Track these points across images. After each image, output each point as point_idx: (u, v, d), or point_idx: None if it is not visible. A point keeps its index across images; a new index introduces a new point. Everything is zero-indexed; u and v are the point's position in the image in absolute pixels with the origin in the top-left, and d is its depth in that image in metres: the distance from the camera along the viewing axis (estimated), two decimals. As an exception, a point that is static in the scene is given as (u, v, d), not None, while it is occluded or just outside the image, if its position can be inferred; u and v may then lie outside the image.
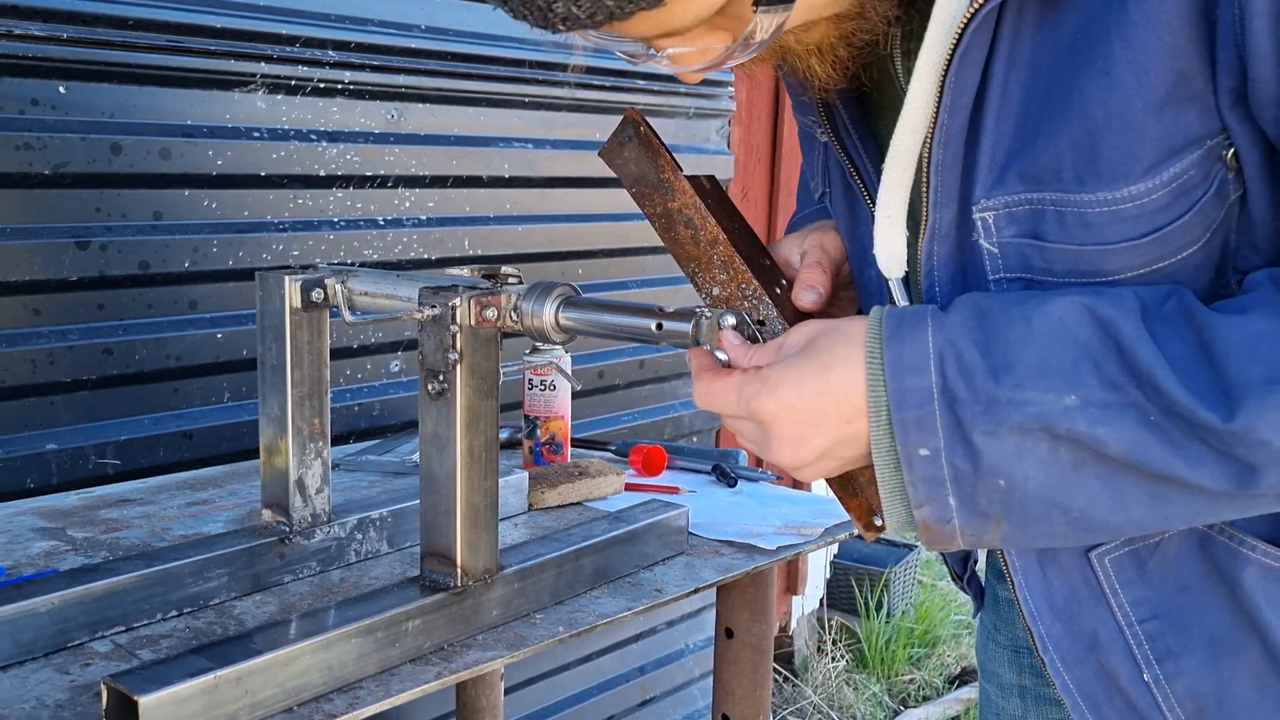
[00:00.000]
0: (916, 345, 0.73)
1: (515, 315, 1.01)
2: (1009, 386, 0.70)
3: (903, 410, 0.72)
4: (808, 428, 0.76)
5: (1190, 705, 0.80)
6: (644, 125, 0.89)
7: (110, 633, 1.05)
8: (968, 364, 0.71)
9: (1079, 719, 0.84)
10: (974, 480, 0.72)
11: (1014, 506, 0.72)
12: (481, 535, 1.06)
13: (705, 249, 0.88)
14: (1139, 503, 0.71)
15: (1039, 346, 0.71)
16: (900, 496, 0.75)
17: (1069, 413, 0.69)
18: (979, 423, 0.71)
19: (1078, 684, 0.83)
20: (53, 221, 1.58)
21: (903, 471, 0.74)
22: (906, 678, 3.52)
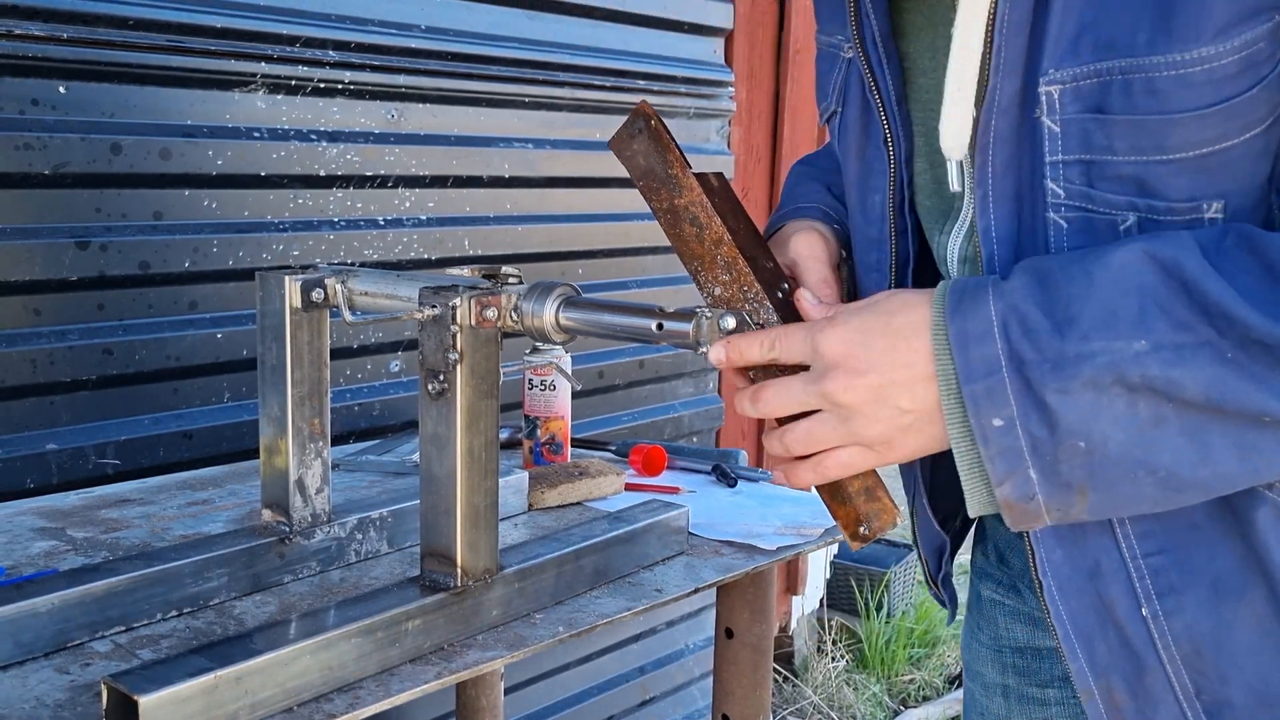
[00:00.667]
0: (979, 315, 0.72)
1: (516, 315, 1.01)
2: (1075, 340, 0.69)
3: (971, 382, 0.71)
4: (879, 359, 0.74)
5: (1186, 645, 0.78)
6: (655, 119, 0.88)
7: (110, 633, 1.05)
8: (1032, 325, 0.70)
9: (1068, 652, 0.82)
10: (1053, 446, 0.70)
11: (1097, 471, 0.70)
12: (482, 535, 1.06)
13: (710, 248, 0.87)
14: (1226, 454, 0.69)
15: (1102, 297, 0.69)
16: (979, 476, 0.74)
17: (1140, 358, 0.68)
18: (1050, 381, 0.69)
19: (1071, 615, 0.81)
20: (53, 221, 1.58)
21: (979, 448, 0.72)
22: (906, 678, 3.52)
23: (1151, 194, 0.74)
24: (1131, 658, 0.80)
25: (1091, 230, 0.76)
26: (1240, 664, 0.78)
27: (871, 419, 0.76)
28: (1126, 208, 0.75)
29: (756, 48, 2.82)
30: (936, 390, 0.74)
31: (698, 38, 2.59)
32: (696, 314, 0.88)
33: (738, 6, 2.68)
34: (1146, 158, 0.73)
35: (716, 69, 2.65)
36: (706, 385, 2.76)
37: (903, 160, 0.89)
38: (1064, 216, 0.76)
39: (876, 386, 0.75)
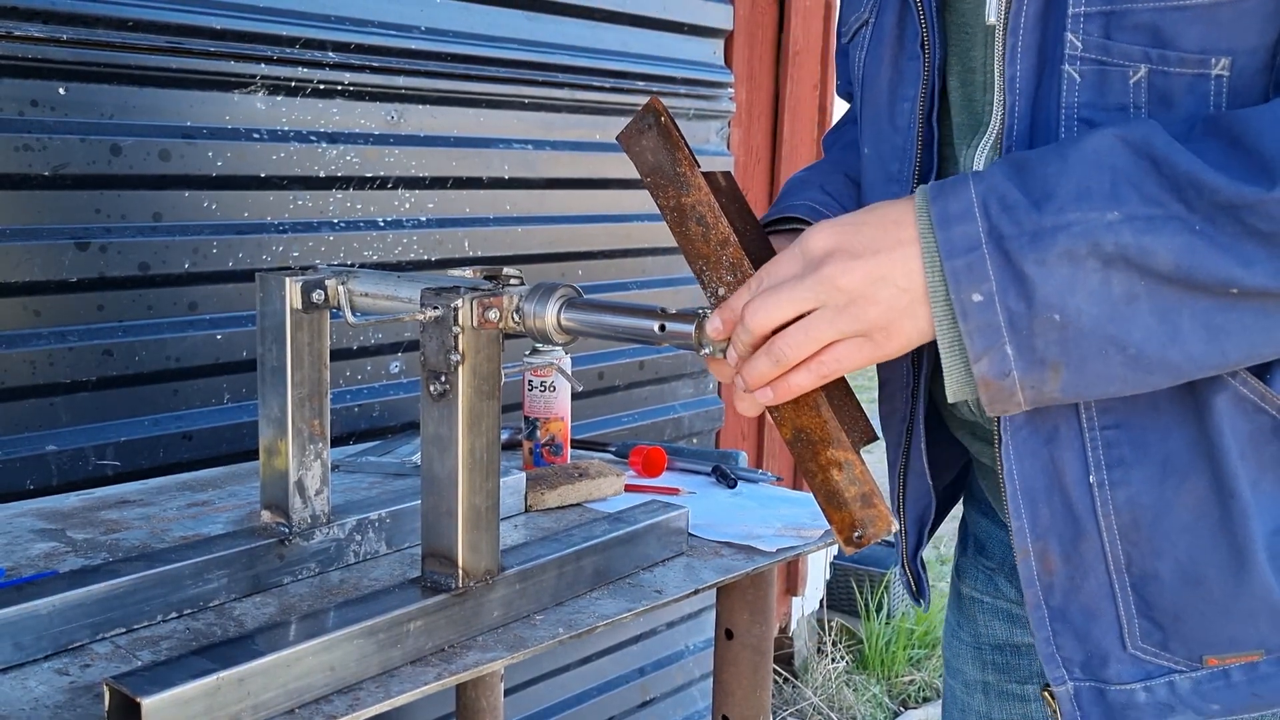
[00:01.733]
0: (959, 196, 0.74)
1: (517, 316, 1.01)
2: (1052, 212, 0.72)
3: (953, 257, 0.73)
4: (872, 240, 0.76)
5: (1126, 516, 0.81)
6: (665, 115, 0.88)
7: (110, 634, 1.05)
8: (1010, 202, 0.73)
9: (1013, 511, 0.84)
10: (1029, 319, 0.72)
11: (1070, 346, 0.73)
12: (483, 536, 1.06)
13: (715, 248, 0.87)
14: (1195, 335, 0.72)
15: (1076, 175, 0.72)
16: (959, 354, 0.76)
17: (1113, 227, 0.70)
18: (1028, 253, 0.72)
19: (1023, 476, 0.83)
20: (52, 222, 1.58)
21: (959, 324, 0.74)
22: (906, 679, 3.52)
23: (1164, 43, 0.76)
24: (1071, 522, 0.83)
25: (1103, 84, 0.78)
26: (1174, 540, 0.80)
27: (871, 300, 0.76)
28: (1140, 58, 0.77)
29: (756, 49, 2.82)
30: (918, 248, 0.76)
31: (697, 39, 2.59)
32: (699, 315, 0.88)
33: (737, 7, 2.69)
34: (1163, 3, 0.75)
35: (716, 70, 2.65)
36: (706, 387, 2.76)
37: (936, 67, 0.90)
38: (1079, 70, 0.78)
39: (873, 266, 0.76)
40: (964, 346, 0.75)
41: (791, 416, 0.85)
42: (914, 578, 1.09)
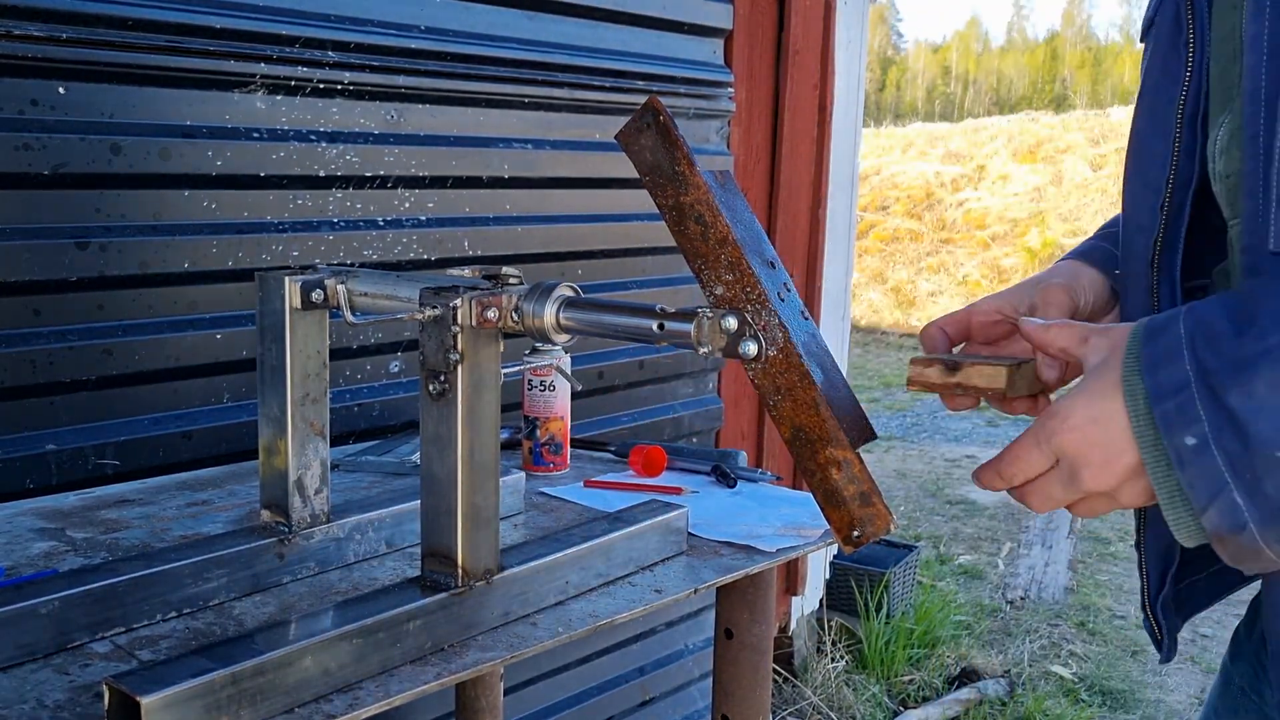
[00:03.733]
0: (1170, 336, 0.70)
1: (516, 316, 1.01)
2: (1252, 339, 0.66)
3: (1161, 401, 0.68)
4: (1108, 452, 0.72)
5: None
6: (664, 114, 0.88)
7: (110, 634, 1.05)
8: (1216, 332, 0.68)
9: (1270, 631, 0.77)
10: (1249, 459, 0.66)
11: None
12: (483, 535, 1.06)
13: (714, 247, 0.87)
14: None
15: (1277, 294, 0.66)
16: (1183, 505, 0.69)
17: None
18: (1233, 386, 0.66)
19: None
20: (52, 222, 1.58)
21: (1176, 473, 0.68)
22: (906, 678, 3.52)
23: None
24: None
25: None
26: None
27: (1084, 462, 0.74)
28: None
29: (756, 48, 2.82)
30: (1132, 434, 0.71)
31: (697, 38, 2.59)
32: (698, 314, 0.88)
33: (737, 7, 2.69)
34: None
35: (716, 69, 2.65)
36: (706, 386, 2.76)
37: (1203, 67, 0.84)
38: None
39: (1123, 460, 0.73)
40: (1186, 497, 0.69)
41: (790, 415, 0.85)
42: (1156, 625, 0.95)
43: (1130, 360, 0.71)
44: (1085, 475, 0.73)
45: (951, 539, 5.03)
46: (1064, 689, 3.56)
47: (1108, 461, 0.72)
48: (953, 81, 59.34)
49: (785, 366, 0.85)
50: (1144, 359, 0.70)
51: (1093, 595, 4.39)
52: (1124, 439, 0.71)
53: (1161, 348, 0.70)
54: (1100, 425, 0.72)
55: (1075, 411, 0.73)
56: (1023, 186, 15.20)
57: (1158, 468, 0.70)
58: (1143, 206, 0.88)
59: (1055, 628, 4.06)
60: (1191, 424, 0.67)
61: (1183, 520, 0.70)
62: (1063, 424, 0.74)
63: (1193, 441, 0.67)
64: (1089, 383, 0.74)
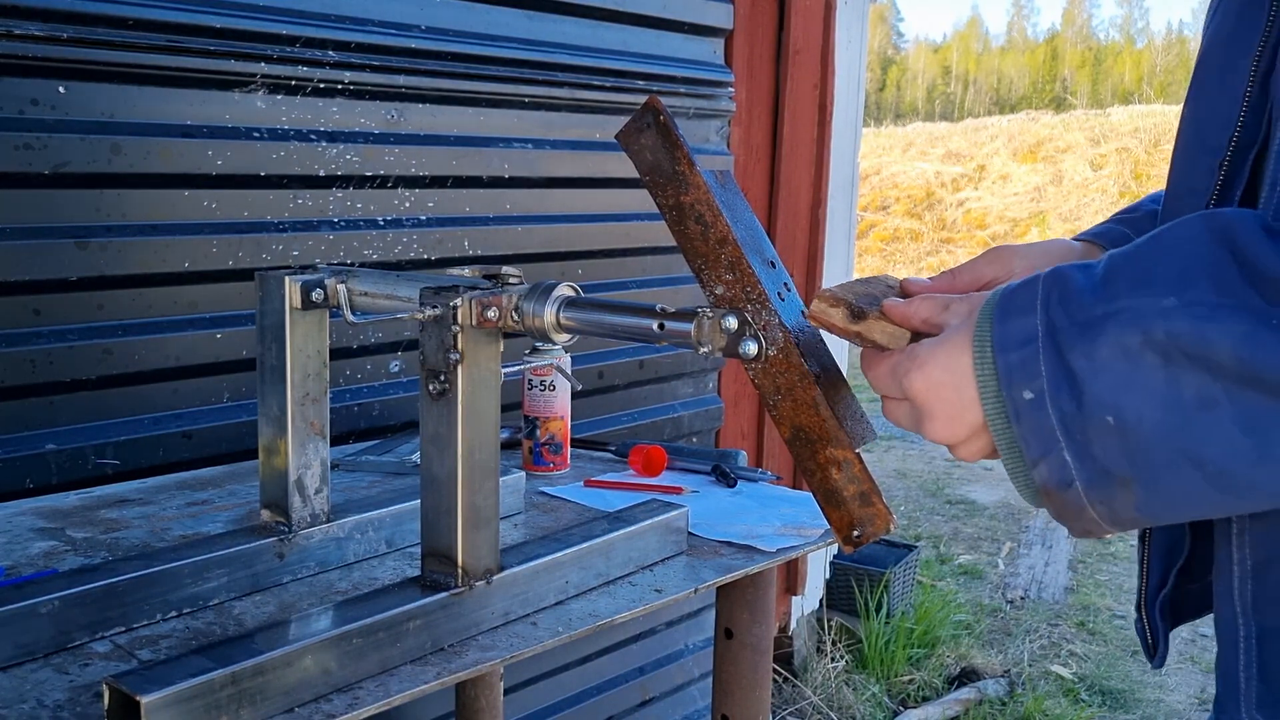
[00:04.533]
0: (1027, 292, 0.69)
1: (516, 315, 1.01)
2: (1104, 300, 0.65)
3: (1006, 353, 0.68)
4: (956, 403, 0.72)
5: (1262, 550, 0.73)
6: (664, 114, 0.88)
7: (110, 633, 1.05)
8: (1070, 290, 0.67)
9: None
10: (1081, 421, 0.65)
11: (1135, 457, 0.64)
12: (482, 535, 1.06)
13: (714, 247, 0.87)
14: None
15: (1144, 258, 0.66)
16: (1019, 458, 0.69)
17: (1167, 314, 0.62)
18: (1077, 345, 0.65)
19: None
20: (53, 221, 1.58)
21: (1012, 426, 0.68)
22: (906, 678, 3.52)
23: None
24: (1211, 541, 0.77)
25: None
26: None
27: (929, 414, 0.75)
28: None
29: (756, 48, 2.82)
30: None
31: (698, 38, 2.59)
32: (698, 314, 0.88)
33: (738, 7, 2.69)
34: None
35: (716, 69, 2.65)
36: (706, 386, 2.76)
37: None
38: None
39: (929, 372, 0.74)
40: (1020, 450, 0.69)
41: (790, 415, 0.85)
42: (1150, 628, 0.91)
43: (985, 312, 0.71)
44: (930, 425, 0.74)
45: (951, 539, 5.03)
46: (1064, 689, 3.56)
47: (952, 417, 0.73)
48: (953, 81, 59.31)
49: (785, 366, 0.85)
50: (997, 311, 0.70)
51: (1093, 595, 4.39)
52: (970, 395, 0.71)
53: (1017, 302, 0.69)
54: (949, 379, 0.72)
55: (930, 360, 0.73)
56: (1023, 186, 15.21)
57: (998, 418, 0.70)
58: (1199, 168, 0.82)
59: (1055, 628, 4.06)
60: (1031, 379, 0.67)
61: (1018, 472, 0.70)
62: (917, 369, 0.74)
63: (1030, 396, 0.67)
64: (946, 336, 0.74)
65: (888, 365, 0.77)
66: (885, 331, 0.81)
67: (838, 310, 0.82)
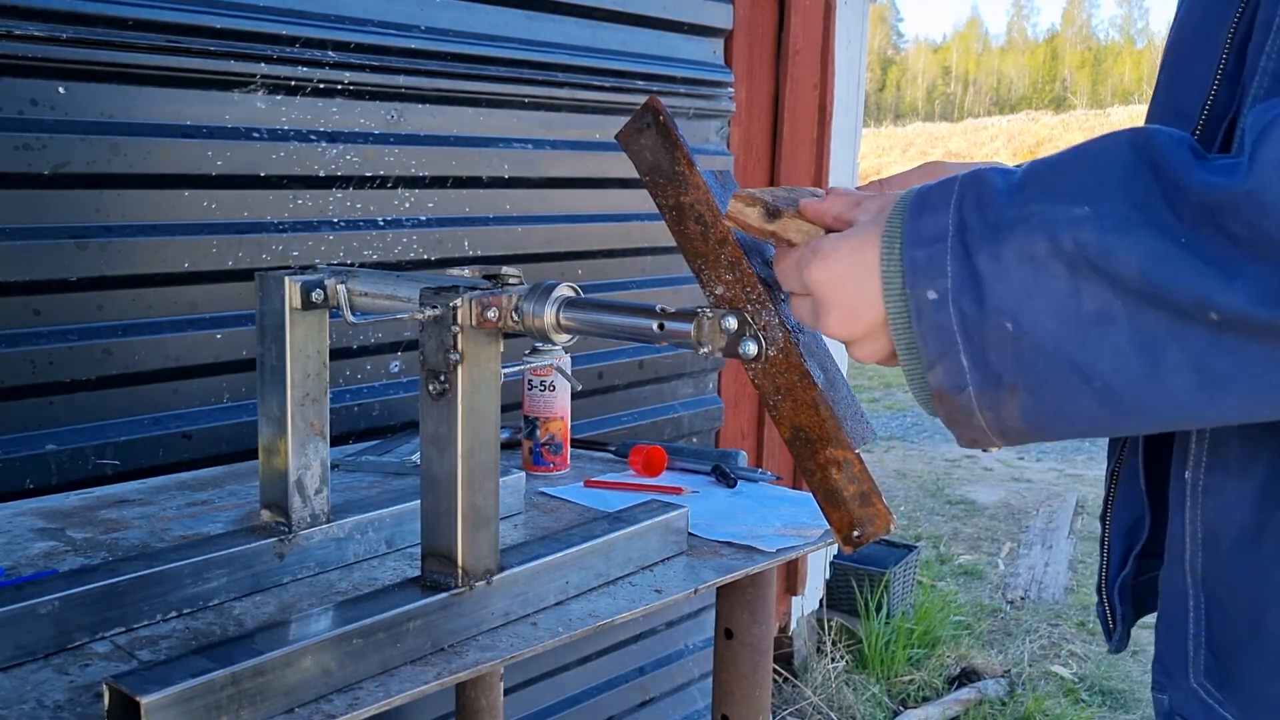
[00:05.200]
0: (942, 191, 0.68)
1: (516, 315, 1.01)
2: (1017, 204, 0.64)
3: (914, 249, 0.67)
4: (856, 297, 0.71)
5: (1213, 526, 0.74)
6: (663, 114, 0.88)
7: (110, 634, 1.05)
8: (987, 191, 0.66)
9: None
10: (980, 324, 0.64)
11: (1026, 364, 0.64)
12: (483, 535, 1.06)
13: (714, 247, 0.87)
14: (1181, 375, 0.60)
15: (1065, 167, 0.64)
16: (917, 361, 0.68)
17: (1076, 222, 0.61)
18: (985, 246, 0.64)
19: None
20: (53, 221, 1.58)
21: (913, 325, 0.67)
22: (906, 678, 3.52)
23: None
24: (1165, 516, 0.78)
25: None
26: (1249, 570, 0.72)
27: (829, 304, 0.74)
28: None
29: (756, 48, 2.82)
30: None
31: (698, 38, 2.59)
32: (698, 314, 0.89)
33: (738, 7, 2.69)
34: None
35: (716, 69, 2.65)
36: (706, 386, 2.76)
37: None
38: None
39: (833, 263, 0.73)
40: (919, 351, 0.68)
41: (790, 415, 0.85)
42: (1110, 611, 0.90)
43: (897, 209, 0.70)
44: (829, 319, 0.73)
45: (951, 539, 5.03)
46: (1064, 689, 3.56)
47: (854, 311, 0.71)
48: (953, 81, 59.29)
49: (785, 366, 0.85)
50: (910, 207, 0.68)
51: (1093, 595, 4.38)
52: (873, 291, 0.70)
53: (931, 200, 0.68)
54: (852, 273, 0.71)
55: (833, 253, 0.72)
56: (1023, 186, 15.20)
57: (899, 318, 0.69)
58: (1180, 125, 0.80)
59: (1055, 628, 4.06)
60: (936, 278, 0.66)
61: (914, 374, 0.69)
62: (819, 260, 0.73)
63: (933, 296, 0.66)
64: (854, 230, 0.73)
65: (793, 258, 0.76)
66: (801, 230, 0.79)
67: (754, 210, 0.80)
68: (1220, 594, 0.74)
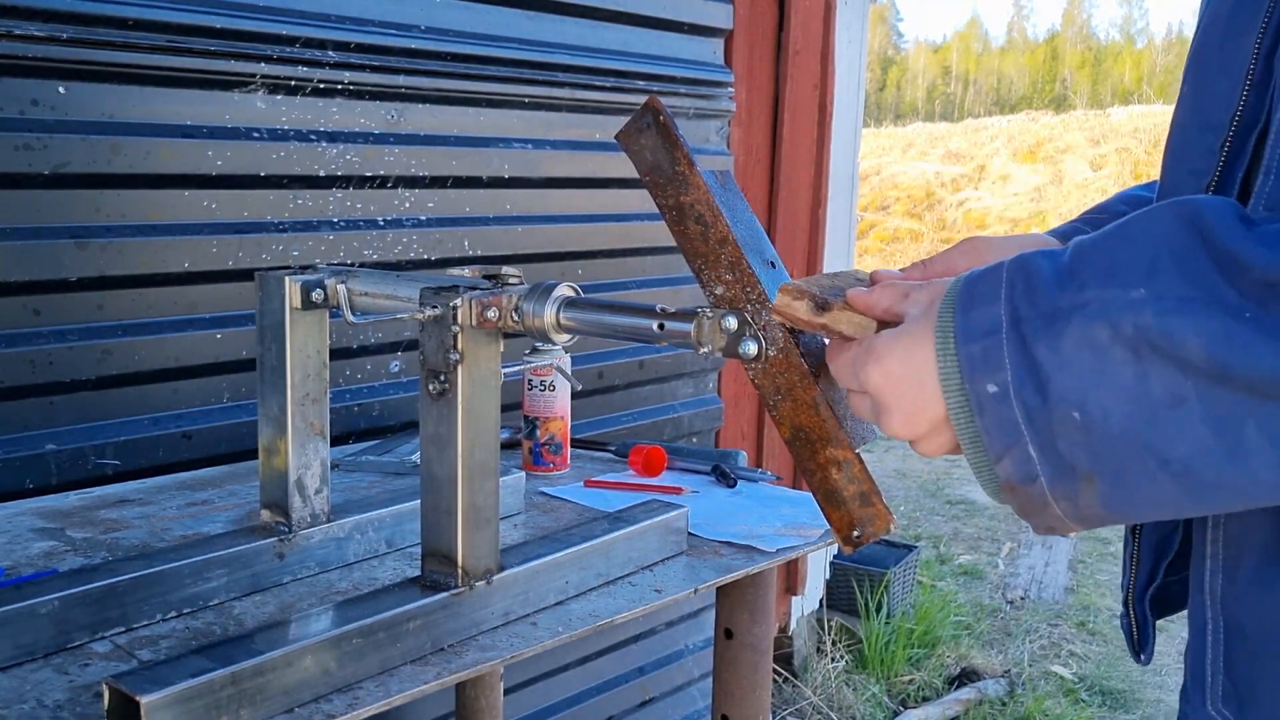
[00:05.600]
0: (990, 280, 0.67)
1: (516, 315, 1.01)
2: (1072, 290, 0.63)
3: (969, 344, 0.66)
4: (917, 397, 0.70)
5: (1234, 546, 0.73)
6: (663, 114, 0.88)
7: (110, 633, 1.05)
8: (1035, 279, 0.65)
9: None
10: (1046, 415, 0.63)
11: (1100, 453, 0.62)
12: (482, 535, 1.06)
13: (714, 247, 0.87)
14: (1264, 453, 0.59)
15: (1112, 248, 0.63)
16: (983, 454, 0.67)
17: (1134, 306, 0.60)
18: (1041, 336, 0.63)
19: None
20: (53, 221, 1.58)
21: (975, 419, 0.66)
22: (906, 678, 3.52)
23: None
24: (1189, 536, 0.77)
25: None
26: (1271, 595, 0.71)
27: (888, 409, 0.73)
28: None
29: (756, 48, 2.82)
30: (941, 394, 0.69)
31: (698, 38, 2.59)
32: (698, 314, 0.89)
33: (737, 7, 2.69)
34: None
35: (716, 69, 2.65)
36: (706, 386, 2.76)
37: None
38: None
39: (890, 365, 0.72)
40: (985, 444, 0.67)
41: (790, 415, 0.85)
42: (1137, 623, 0.91)
43: (947, 302, 0.69)
44: (892, 420, 0.72)
45: (951, 539, 5.03)
46: (1064, 689, 3.56)
47: (915, 411, 0.71)
48: (953, 81, 59.32)
49: (785, 366, 0.85)
50: (960, 300, 0.68)
51: (1093, 595, 4.39)
52: (931, 389, 0.69)
53: (980, 290, 0.67)
54: (908, 373, 0.70)
55: (888, 353, 0.71)
56: (1023, 186, 15.22)
57: (960, 412, 0.68)
58: (1197, 148, 0.80)
59: (1055, 628, 4.06)
60: (995, 371, 0.65)
61: (981, 467, 0.68)
62: (876, 362, 0.72)
63: (994, 389, 0.65)
64: (906, 327, 0.72)
65: (847, 357, 0.75)
66: (852, 322, 0.79)
67: (802, 303, 0.80)
68: (1240, 619, 0.73)
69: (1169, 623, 0.91)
